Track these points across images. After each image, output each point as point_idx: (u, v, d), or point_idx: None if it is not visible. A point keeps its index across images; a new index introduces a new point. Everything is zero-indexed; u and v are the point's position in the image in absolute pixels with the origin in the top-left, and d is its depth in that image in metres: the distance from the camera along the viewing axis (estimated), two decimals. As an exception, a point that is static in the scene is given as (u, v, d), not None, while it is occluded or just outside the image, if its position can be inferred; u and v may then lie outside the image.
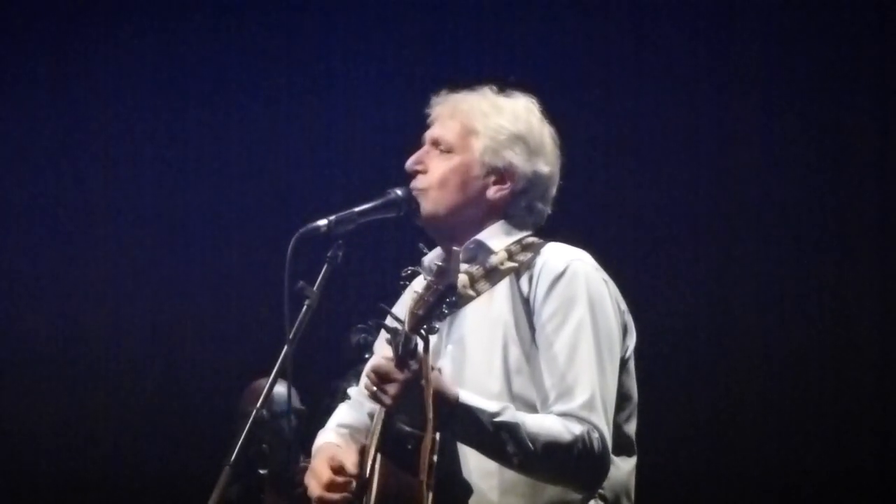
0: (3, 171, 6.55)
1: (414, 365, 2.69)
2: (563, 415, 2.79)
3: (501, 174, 2.96)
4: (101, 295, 6.57)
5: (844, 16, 5.70)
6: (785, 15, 5.76)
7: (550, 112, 3.07)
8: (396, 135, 5.95)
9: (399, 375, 2.69)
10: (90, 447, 6.34)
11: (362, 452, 2.94)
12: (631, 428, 2.93)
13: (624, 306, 2.94)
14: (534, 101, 3.04)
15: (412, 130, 3.36)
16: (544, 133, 3.01)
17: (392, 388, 2.70)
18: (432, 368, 2.72)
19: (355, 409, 3.11)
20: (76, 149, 6.56)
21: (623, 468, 2.90)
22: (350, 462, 2.91)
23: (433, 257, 3.00)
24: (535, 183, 2.98)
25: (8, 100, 6.54)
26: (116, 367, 6.53)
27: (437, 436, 2.72)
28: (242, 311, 6.19)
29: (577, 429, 2.76)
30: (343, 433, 3.09)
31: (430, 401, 2.67)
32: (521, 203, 2.98)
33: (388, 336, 2.75)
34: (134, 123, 6.57)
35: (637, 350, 3.15)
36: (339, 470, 2.89)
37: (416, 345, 2.70)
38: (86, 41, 6.51)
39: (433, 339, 2.73)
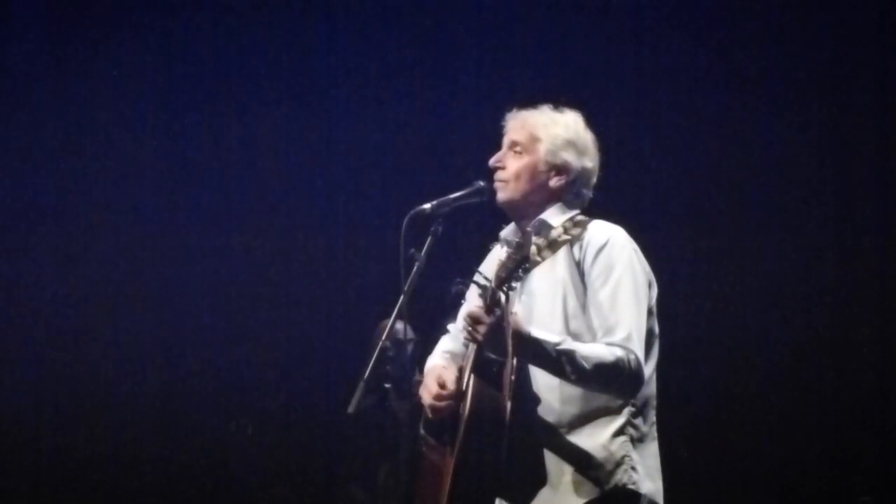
0: (4, 171, 6.73)
1: (498, 312, 3.48)
2: (609, 344, 3.57)
3: (559, 169, 3.76)
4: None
5: (844, 16, 5.89)
6: (785, 15, 5.93)
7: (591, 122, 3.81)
8: (408, 134, 6.56)
9: (487, 319, 3.49)
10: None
11: (460, 371, 3.72)
12: (654, 355, 3.71)
13: (648, 268, 3.73)
14: (579, 114, 3.84)
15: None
16: (588, 138, 3.82)
17: (482, 329, 3.50)
18: (511, 314, 3.51)
19: (454, 340, 3.89)
20: (79, 148, 6.75)
21: (649, 385, 3.69)
22: (451, 379, 3.70)
23: (509, 231, 3.81)
24: (582, 175, 3.79)
25: (8, 100, 6.69)
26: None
27: (515, 362, 3.51)
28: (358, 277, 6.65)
29: (619, 352, 3.54)
30: (446, 357, 3.89)
31: (509, 337, 3.47)
32: (573, 190, 3.79)
33: (479, 290, 3.57)
34: (136, 121, 6.77)
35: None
36: (443, 385, 3.69)
37: (499, 297, 3.48)
38: (86, 41, 6.66)
39: (511, 293, 3.54)
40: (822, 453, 5.83)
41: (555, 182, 3.80)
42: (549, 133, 3.79)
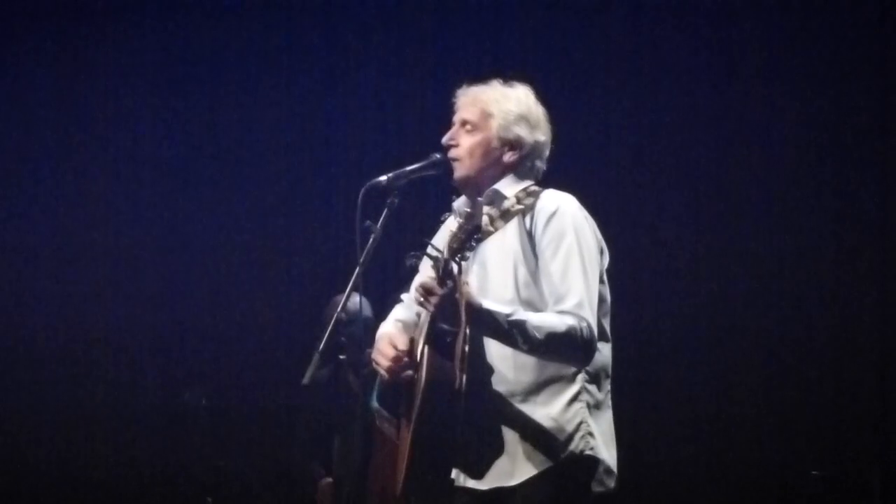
0: (4, 171, 6.76)
1: (451, 283, 3.50)
2: (560, 312, 3.61)
3: (512, 144, 3.82)
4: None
5: (844, 16, 5.90)
6: (785, 14, 5.94)
7: (543, 96, 3.88)
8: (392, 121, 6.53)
9: (440, 290, 3.51)
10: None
11: (412, 342, 3.74)
12: (607, 321, 3.77)
13: (599, 235, 3.78)
14: (530, 88, 3.90)
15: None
16: (539, 112, 3.88)
17: (435, 299, 3.53)
18: (464, 285, 3.52)
19: (407, 310, 3.95)
20: (80, 148, 6.75)
21: (603, 352, 3.74)
22: (404, 343, 3.72)
23: (461, 203, 3.85)
24: (535, 148, 3.85)
25: (8, 100, 6.71)
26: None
27: (468, 332, 3.54)
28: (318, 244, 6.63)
29: (571, 320, 3.59)
30: (398, 325, 3.92)
31: (462, 308, 3.50)
32: (526, 163, 3.84)
33: (431, 262, 3.59)
34: (137, 118, 6.80)
35: (637, 349, 3.66)
36: (398, 348, 3.68)
37: (452, 268, 3.50)
38: (86, 41, 6.69)
39: (464, 263, 3.54)
40: (821, 452, 5.88)
41: (508, 157, 3.85)
42: (501, 109, 3.84)
